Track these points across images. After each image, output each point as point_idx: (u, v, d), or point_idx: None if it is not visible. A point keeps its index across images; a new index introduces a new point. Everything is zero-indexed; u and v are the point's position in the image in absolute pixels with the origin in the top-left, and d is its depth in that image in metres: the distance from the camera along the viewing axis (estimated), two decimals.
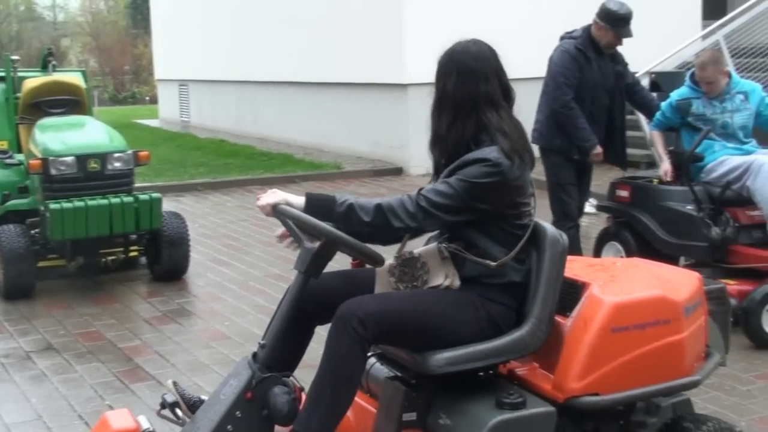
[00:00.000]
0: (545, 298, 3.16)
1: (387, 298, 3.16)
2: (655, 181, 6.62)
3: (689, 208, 6.23)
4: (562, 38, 6.66)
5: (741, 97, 6.34)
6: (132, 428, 3.16)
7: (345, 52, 14.12)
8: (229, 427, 3.02)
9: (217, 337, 6.09)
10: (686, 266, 6.31)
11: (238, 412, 3.04)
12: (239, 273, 7.75)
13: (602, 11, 6.47)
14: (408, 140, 12.85)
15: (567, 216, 6.58)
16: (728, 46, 11.33)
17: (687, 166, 6.31)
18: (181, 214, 7.71)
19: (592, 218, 8.98)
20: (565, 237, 3.26)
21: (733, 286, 5.89)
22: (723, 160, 6.19)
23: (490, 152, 3.09)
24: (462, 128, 3.18)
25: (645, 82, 7.75)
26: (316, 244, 3.08)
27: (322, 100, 15.05)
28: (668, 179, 6.43)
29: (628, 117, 7.12)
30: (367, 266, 3.35)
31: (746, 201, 6.14)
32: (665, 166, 6.45)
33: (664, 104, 6.56)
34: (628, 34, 6.47)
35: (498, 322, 3.15)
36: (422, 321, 3.07)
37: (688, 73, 6.57)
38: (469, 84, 3.18)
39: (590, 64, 6.46)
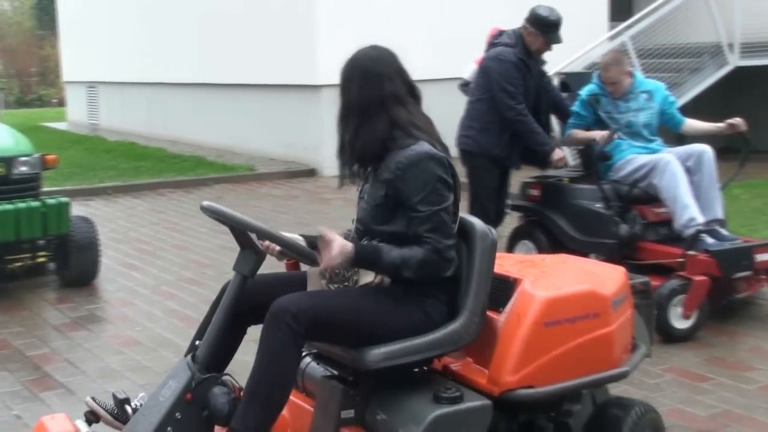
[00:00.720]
0: (477, 292, 3.22)
1: (320, 294, 3.20)
2: (566, 180, 6.73)
3: (598, 206, 6.34)
4: (492, 45, 6.65)
5: (645, 96, 6.48)
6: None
7: (257, 54, 14.04)
8: (168, 428, 3.02)
9: (129, 342, 5.99)
10: None
11: (177, 414, 3.05)
12: (151, 277, 7.64)
13: (532, 17, 6.51)
14: (321, 141, 12.83)
15: (486, 220, 6.62)
16: (634, 47, 11.60)
17: (596, 164, 6.42)
18: (91, 219, 7.58)
19: (504, 217, 9.06)
20: (494, 231, 3.33)
21: None
22: (630, 158, 6.32)
23: (422, 147, 3.19)
24: (373, 129, 3.24)
25: (554, 83, 7.86)
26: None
27: (234, 101, 14.94)
28: (562, 165, 6.50)
29: None
30: (301, 268, 3.39)
31: (653, 198, 6.28)
32: (558, 153, 6.49)
33: (575, 105, 6.66)
34: (558, 40, 6.54)
35: (431, 315, 3.21)
36: (356, 316, 3.11)
37: (595, 73, 6.69)
38: (373, 86, 3.26)
39: (530, 71, 6.54)
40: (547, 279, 3.42)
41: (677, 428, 4.50)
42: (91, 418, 3.29)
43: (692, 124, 6.69)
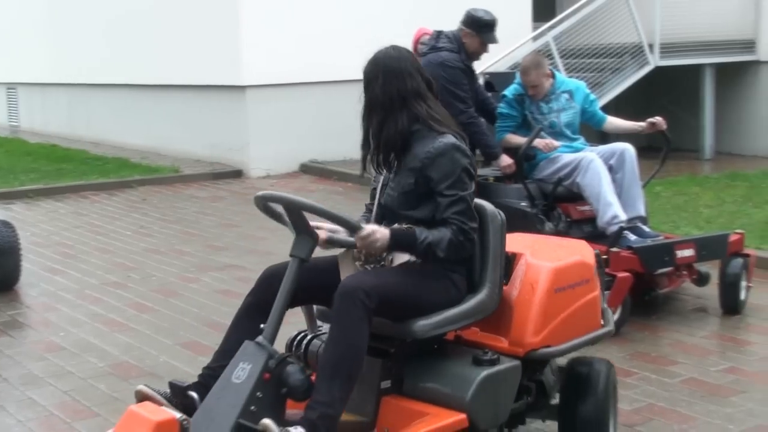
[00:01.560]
0: (494, 266, 3.62)
1: (378, 274, 3.48)
2: (491, 179, 6.78)
3: (523, 204, 6.40)
4: (433, 49, 6.63)
5: (566, 96, 6.56)
6: (171, 418, 3.19)
7: (181, 54, 13.88)
8: (252, 407, 3.18)
9: (52, 348, 5.89)
10: None
11: (259, 393, 3.22)
12: (74, 281, 7.51)
13: (469, 19, 6.56)
14: (247, 142, 12.76)
15: None
16: (557, 47, 11.73)
17: (520, 164, 6.49)
18: (11, 223, 7.41)
19: None
20: (502, 213, 3.70)
21: None
22: (554, 157, 6.39)
23: (449, 139, 3.52)
24: (395, 123, 3.54)
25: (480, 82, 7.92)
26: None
27: (158, 102, 14.76)
28: (510, 171, 6.54)
29: None
30: (326, 255, 3.66)
31: (577, 197, 6.37)
32: (506, 160, 6.55)
33: (500, 107, 6.70)
34: (494, 40, 6.60)
35: (460, 289, 3.58)
36: (410, 292, 3.44)
37: (517, 72, 6.76)
38: (396, 83, 3.54)
39: (472, 75, 6.59)
40: (542, 253, 3.86)
41: None
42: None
43: (614, 122, 6.80)
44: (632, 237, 6.15)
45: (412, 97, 3.55)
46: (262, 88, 12.71)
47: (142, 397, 3.39)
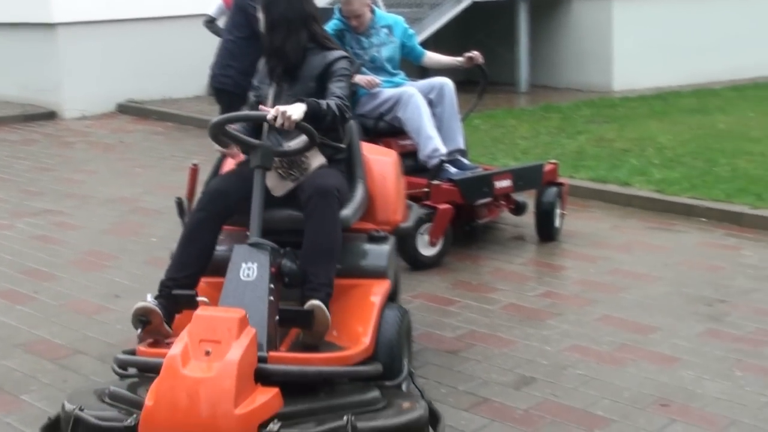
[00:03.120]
0: (360, 164, 4.36)
1: (325, 175, 4.05)
2: None
3: None
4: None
5: (386, 30, 6.58)
6: (243, 313, 3.42)
7: None
8: (271, 298, 3.58)
9: None
10: None
11: (271, 285, 3.61)
12: None
13: None
14: (60, 83, 12.28)
15: None
16: None
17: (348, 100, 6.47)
18: None
19: None
20: (357, 123, 4.54)
21: None
22: (374, 93, 6.41)
23: (340, 53, 4.24)
24: (297, 40, 4.17)
25: None
26: (292, 143, 4.04)
27: None
28: (376, 82, 6.40)
29: None
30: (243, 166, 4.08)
31: (398, 131, 6.43)
32: (368, 77, 6.44)
33: None
34: None
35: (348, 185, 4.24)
36: (344, 187, 4.13)
37: (336, 8, 6.72)
38: (298, 5, 4.19)
39: None
40: (372, 152, 4.56)
41: (427, 351, 4.68)
42: (145, 320, 3.72)
43: (433, 57, 6.88)
44: (452, 169, 6.28)
45: (311, 19, 4.21)
46: (74, 26, 12.22)
47: (146, 311, 3.70)
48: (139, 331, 3.72)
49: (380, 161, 4.51)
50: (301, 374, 3.45)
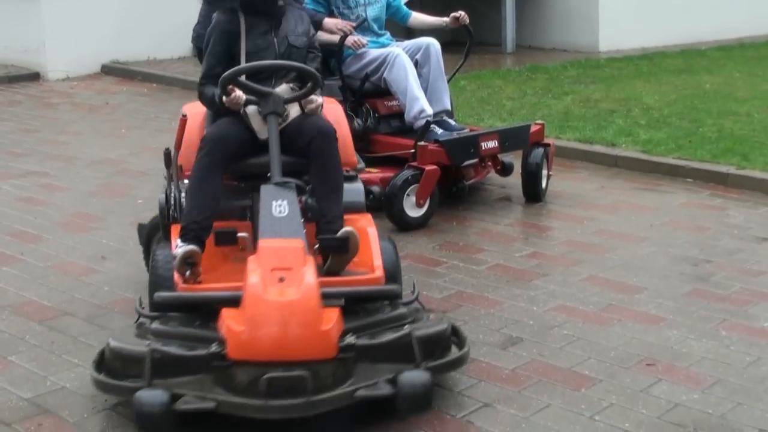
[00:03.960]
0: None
1: (319, 119, 4.35)
2: None
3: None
4: None
5: None
6: (302, 244, 3.78)
7: None
8: (304, 230, 3.95)
9: None
10: None
11: (301, 219, 3.97)
12: None
13: None
14: (43, 43, 12.14)
15: None
16: None
17: (327, 61, 6.46)
18: None
19: None
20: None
21: (376, 174, 6.17)
22: (360, 53, 6.39)
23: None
24: None
25: None
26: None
27: None
28: (363, 43, 6.34)
29: None
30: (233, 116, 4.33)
31: (384, 92, 6.42)
32: (354, 37, 6.37)
33: (307, 2, 6.59)
34: None
35: None
36: None
37: None
38: None
39: None
40: (325, 99, 4.70)
41: None
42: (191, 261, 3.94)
43: (419, 17, 6.85)
44: (439, 131, 6.27)
45: None
46: None
47: (192, 253, 3.92)
48: (188, 273, 3.91)
49: (332, 108, 4.76)
50: (356, 294, 3.84)
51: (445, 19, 6.69)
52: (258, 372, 3.37)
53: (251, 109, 4.30)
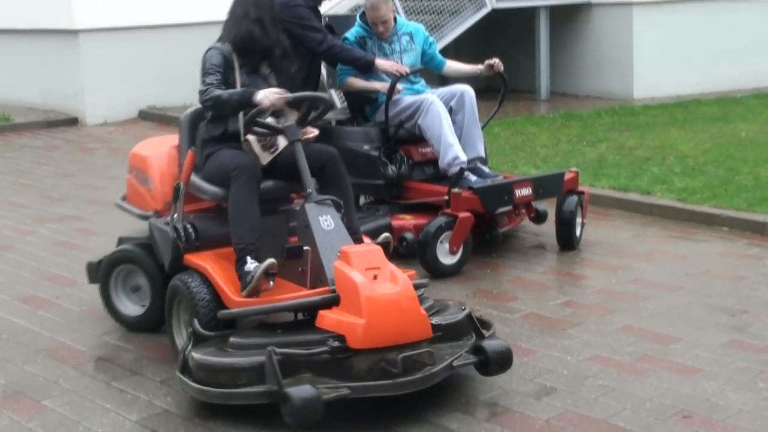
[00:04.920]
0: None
1: (321, 146, 4.91)
2: (333, 122, 6.77)
3: (366, 147, 6.42)
4: None
5: (407, 38, 6.60)
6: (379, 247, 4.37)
7: None
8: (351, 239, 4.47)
9: None
10: (366, 204, 6.54)
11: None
12: None
13: None
14: (82, 89, 12.33)
15: None
16: None
17: (362, 107, 6.50)
18: None
19: None
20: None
21: (410, 221, 6.18)
22: (395, 100, 6.41)
23: None
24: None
25: None
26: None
27: None
28: (402, 71, 6.38)
29: None
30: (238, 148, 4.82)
31: (418, 139, 6.43)
32: (379, 84, 6.46)
33: None
34: None
35: None
36: None
37: (358, 14, 6.74)
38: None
39: (319, 16, 6.64)
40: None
41: None
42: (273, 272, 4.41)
43: (453, 65, 6.88)
44: (473, 177, 6.27)
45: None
46: (96, 33, 12.29)
47: (274, 266, 4.35)
48: (271, 283, 4.39)
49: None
50: (418, 285, 4.36)
51: (480, 66, 6.71)
52: (376, 357, 3.89)
53: (252, 138, 4.74)
